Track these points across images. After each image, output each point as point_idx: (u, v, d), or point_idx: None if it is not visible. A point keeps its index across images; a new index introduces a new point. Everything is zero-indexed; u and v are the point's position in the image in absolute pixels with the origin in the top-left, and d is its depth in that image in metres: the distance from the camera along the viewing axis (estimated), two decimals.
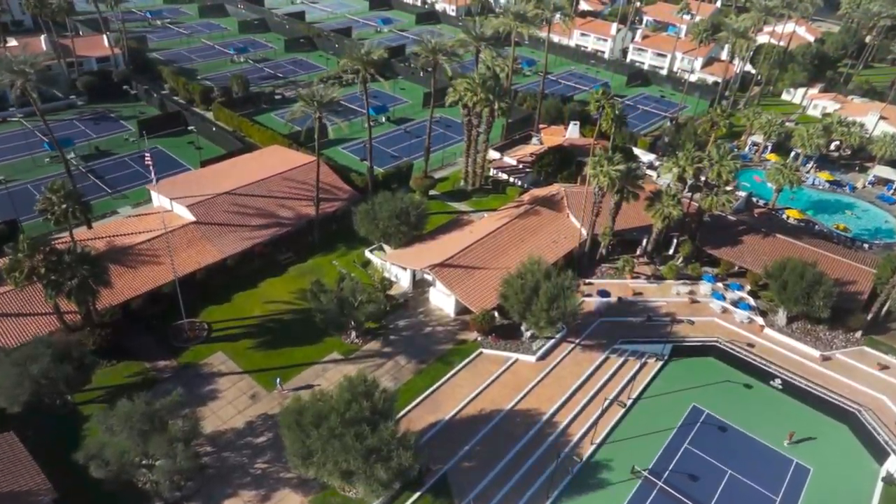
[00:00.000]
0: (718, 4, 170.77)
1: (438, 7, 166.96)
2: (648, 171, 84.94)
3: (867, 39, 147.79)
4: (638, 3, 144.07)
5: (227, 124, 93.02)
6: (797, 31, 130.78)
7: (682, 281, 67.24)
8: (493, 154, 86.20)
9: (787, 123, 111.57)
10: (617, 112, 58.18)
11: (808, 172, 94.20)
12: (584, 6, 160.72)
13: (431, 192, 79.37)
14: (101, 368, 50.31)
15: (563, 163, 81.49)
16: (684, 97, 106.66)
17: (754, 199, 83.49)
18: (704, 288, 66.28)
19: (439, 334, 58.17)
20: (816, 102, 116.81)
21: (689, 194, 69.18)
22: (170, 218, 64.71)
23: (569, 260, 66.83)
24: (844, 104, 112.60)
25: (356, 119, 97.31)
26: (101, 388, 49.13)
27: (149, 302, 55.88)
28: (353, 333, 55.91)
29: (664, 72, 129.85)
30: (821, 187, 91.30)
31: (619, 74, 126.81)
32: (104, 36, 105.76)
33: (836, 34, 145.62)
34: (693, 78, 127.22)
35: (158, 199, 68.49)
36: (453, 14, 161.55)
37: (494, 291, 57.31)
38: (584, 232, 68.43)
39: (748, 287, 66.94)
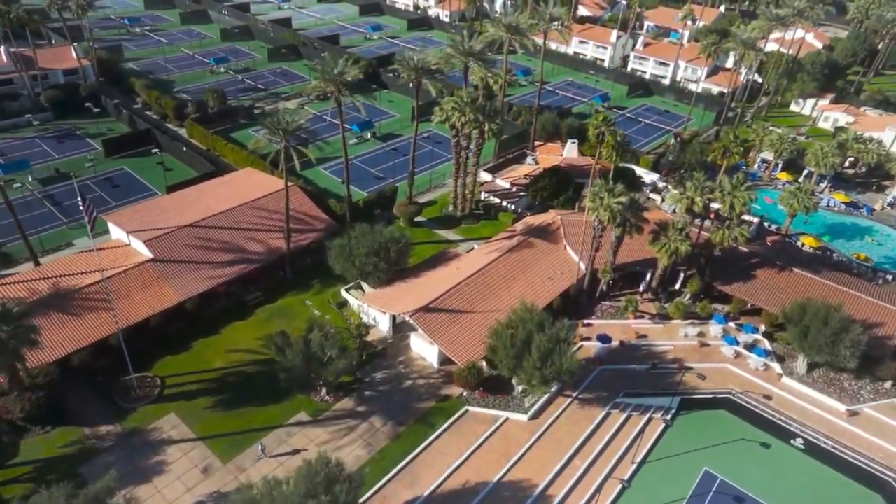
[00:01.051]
0: (722, 9, 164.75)
1: (431, 13, 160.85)
2: (652, 196, 78.92)
3: (879, 46, 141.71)
4: (638, 9, 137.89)
5: (200, 143, 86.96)
6: (804, 38, 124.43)
7: (689, 321, 61.20)
8: (484, 176, 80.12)
9: (797, 137, 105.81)
10: (619, 139, 52.02)
11: (821, 192, 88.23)
12: (582, 11, 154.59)
13: (417, 219, 73.31)
14: (32, 437, 44.38)
15: (559, 186, 75.45)
16: (691, 109, 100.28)
17: (766, 224, 77.43)
18: (715, 329, 60.26)
19: (420, 389, 52.03)
20: (828, 114, 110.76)
21: (699, 223, 63.16)
22: (126, 254, 58.90)
23: (566, 298, 60.80)
24: (858, 117, 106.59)
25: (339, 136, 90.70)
26: (30, 462, 43.04)
27: (94, 355, 49.76)
28: (324, 390, 49.84)
29: (667, 81, 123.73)
30: (836, 209, 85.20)
31: (619, 84, 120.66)
32: (71, 47, 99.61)
33: (845, 40, 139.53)
34: (697, 88, 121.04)
35: (116, 232, 62.38)
36: (447, 20, 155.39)
37: (482, 340, 51.24)
38: (582, 267, 62.40)
39: (762, 327, 60.93)
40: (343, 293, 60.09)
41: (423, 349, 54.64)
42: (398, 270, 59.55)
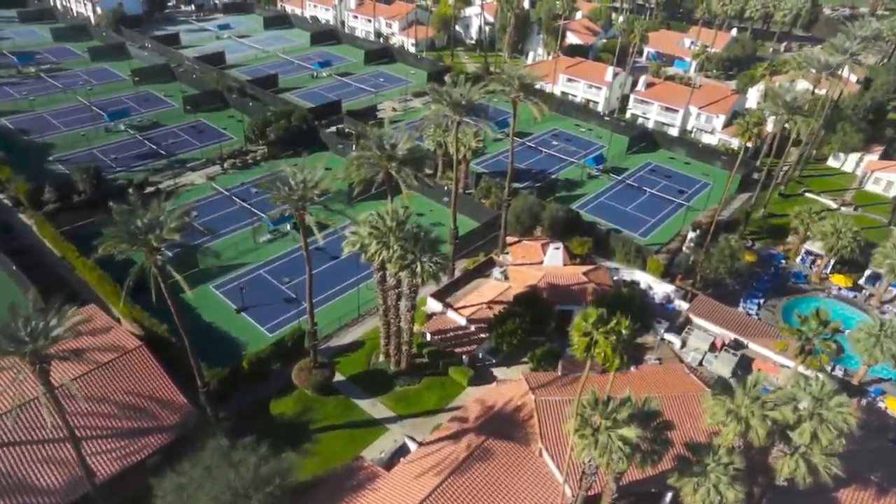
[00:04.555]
0: (734, 32, 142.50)
1: (395, 40, 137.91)
2: (667, 337, 56.25)
3: None
4: (638, 40, 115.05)
5: (53, 247, 64.19)
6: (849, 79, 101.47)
7: None
8: (431, 305, 57.34)
9: (842, 208, 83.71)
10: (623, 334, 30.02)
11: (891, 301, 66.11)
12: (571, 38, 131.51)
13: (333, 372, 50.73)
14: None
15: (536, 324, 53.05)
16: (730, 179, 76.19)
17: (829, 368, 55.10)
18: None
19: None
20: (879, 175, 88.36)
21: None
22: None
23: None
24: None
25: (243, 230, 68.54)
26: None
27: None
28: None
29: (675, 131, 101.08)
30: None
31: (617, 135, 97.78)
32: None
33: (884, 73, 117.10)
34: (713, 140, 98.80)
35: None
36: (413, 50, 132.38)
37: None
38: (568, 492, 39.90)
39: None
40: None
41: None
42: None
